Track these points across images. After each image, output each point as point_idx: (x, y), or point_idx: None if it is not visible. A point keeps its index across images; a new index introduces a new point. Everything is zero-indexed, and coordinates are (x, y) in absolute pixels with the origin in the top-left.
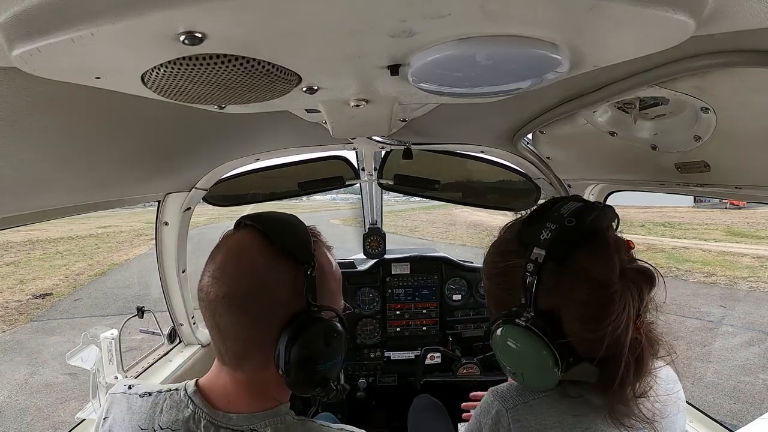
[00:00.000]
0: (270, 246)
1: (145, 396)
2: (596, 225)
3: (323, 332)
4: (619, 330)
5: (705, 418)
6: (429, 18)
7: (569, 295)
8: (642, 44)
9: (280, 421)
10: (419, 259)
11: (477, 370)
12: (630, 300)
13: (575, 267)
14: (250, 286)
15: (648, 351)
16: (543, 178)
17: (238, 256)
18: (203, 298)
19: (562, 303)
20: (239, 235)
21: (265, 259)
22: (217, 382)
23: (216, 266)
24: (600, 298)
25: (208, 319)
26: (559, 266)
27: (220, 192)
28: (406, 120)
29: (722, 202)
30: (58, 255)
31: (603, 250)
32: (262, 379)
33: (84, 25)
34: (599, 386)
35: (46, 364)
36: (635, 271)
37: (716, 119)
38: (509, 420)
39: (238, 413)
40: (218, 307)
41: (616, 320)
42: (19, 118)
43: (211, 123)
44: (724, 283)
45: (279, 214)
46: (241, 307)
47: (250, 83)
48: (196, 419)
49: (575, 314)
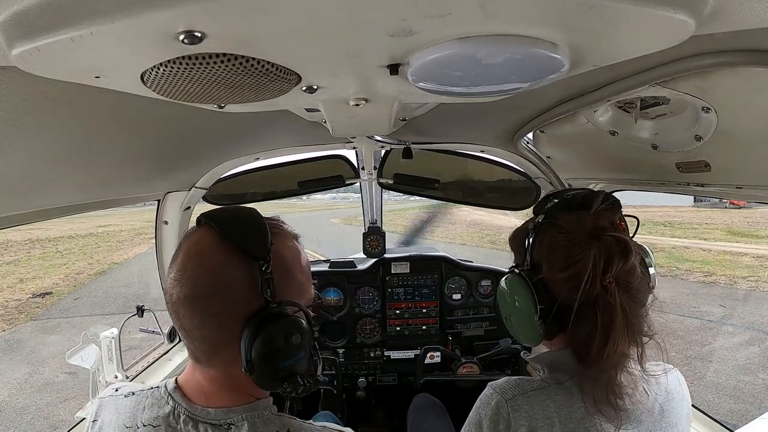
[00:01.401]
0: (226, 244)
1: (130, 396)
2: (586, 199)
3: (282, 329)
4: (581, 275)
5: (705, 417)
6: (429, 17)
7: (548, 242)
8: (642, 44)
9: (257, 416)
10: (419, 258)
11: (477, 370)
12: (596, 254)
13: (558, 222)
14: (210, 286)
15: (620, 321)
16: (543, 178)
17: (196, 256)
18: (168, 300)
19: (543, 251)
20: (197, 235)
21: (222, 258)
22: (192, 380)
23: (177, 268)
24: (567, 243)
25: (174, 321)
26: (549, 224)
27: (220, 191)
28: (405, 119)
29: (722, 201)
30: (58, 254)
31: (584, 213)
32: (234, 375)
33: (83, 24)
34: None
35: (46, 363)
36: (611, 237)
37: (717, 119)
38: (509, 410)
39: (216, 408)
40: (181, 309)
41: (578, 263)
42: (19, 118)
43: (210, 122)
44: (724, 283)
45: (236, 209)
46: (202, 307)
47: (249, 82)
48: (176, 414)
49: (550, 257)
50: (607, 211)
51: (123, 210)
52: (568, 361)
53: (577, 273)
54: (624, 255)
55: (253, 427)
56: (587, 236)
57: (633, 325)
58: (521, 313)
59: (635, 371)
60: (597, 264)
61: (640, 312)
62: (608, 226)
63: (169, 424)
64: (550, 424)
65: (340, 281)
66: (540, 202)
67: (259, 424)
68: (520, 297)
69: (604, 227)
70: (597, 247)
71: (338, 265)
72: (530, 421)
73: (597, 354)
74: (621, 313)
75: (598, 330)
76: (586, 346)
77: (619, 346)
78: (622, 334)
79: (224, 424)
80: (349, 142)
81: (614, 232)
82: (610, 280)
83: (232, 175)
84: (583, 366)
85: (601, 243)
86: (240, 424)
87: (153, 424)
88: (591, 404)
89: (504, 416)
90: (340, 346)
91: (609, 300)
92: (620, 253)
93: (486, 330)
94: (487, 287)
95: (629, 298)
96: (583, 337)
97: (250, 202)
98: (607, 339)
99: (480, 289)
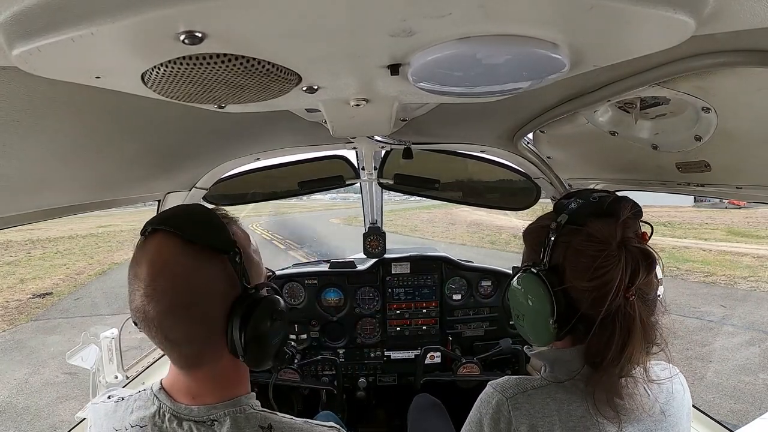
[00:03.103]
0: (191, 246)
1: (120, 401)
2: (615, 207)
3: (267, 310)
4: (607, 287)
5: (705, 417)
6: (429, 17)
7: (574, 247)
8: (642, 44)
9: (239, 411)
10: (419, 258)
11: (477, 370)
12: (624, 267)
13: (586, 229)
14: (188, 293)
15: (638, 333)
16: (543, 178)
17: (164, 266)
18: (142, 318)
19: (567, 256)
20: (156, 244)
21: (192, 262)
22: (178, 384)
23: (146, 283)
24: (597, 252)
25: (154, 335)
26: (574, 228)
27: (220, 191)
28: (406, 119)
29: (722, 201)
30: (59, 254)
31: (612, 222)
32: (220, 371)
33: (84, 24)
34: (587, 361)
35: (46, 363)
36: (637, 249)
37: (717, 119)
38: (509, 408)
39: (200, 405)
40: (164, 322)
41: (605, 275)
42: (20, 118)
43: (211, 122)
44: (724, 283)
45: (184, 209)
46: (187, 315)
47: (250, 83)
48: (162, 414)
49: (575, 263)
50: (632, 220)
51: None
52: (572, 360)
53: (603, 284)
54: (648, 268)
55: (236, 423)
56: (617, 248)
57: (648, 334)
58: (536, 314)
59: (638, 373)
60: (624, 277)
61: (652, 320)
62: (633, 236)
63: (154, 423)
64: (551, 422)
65: (340, 281)
66: (561, 200)
67: (241, 419)
68: (536, 298)
69: (630, 238)
70: (625, 260)
71: (338, 265)
72: (531, 419)
73: (611, 362)
74: (639, 325)
75: (615, 340)
76: (601, 354)
77: (635, 356)
78: (639, 344)
79: (207, 421)
80: (349, 142)
81: (639, 244)
82: (633, 292)
83: (232, 175)
84: (593, 371)
85: (628, 255)
86: (222, 420)
87: (140, 425)
88: (592, 405)
89: (505, 415)
90: (341, 347)
91: (629, 311)
92: (646, 266)
93: (486, 330)
94: (487, 287)
95: (646, 308)
96: (601, 345)
97: (251, 203)
98: (623, 348)
99: (480, 290)
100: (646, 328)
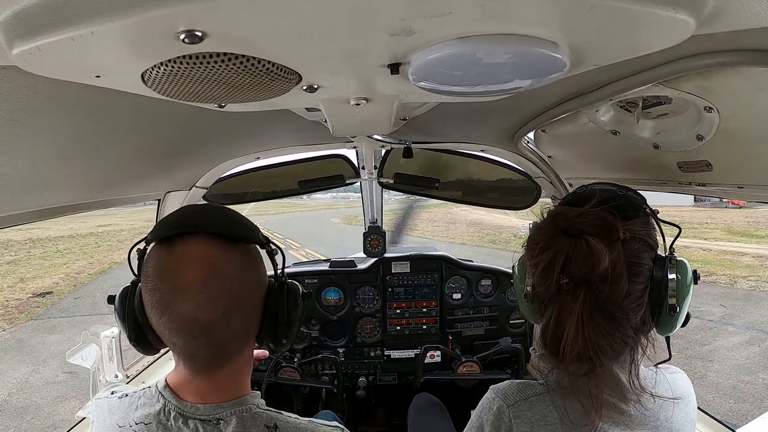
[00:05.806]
0: (234, 245)
1: (123, 397)
2: (583, 197)
3: (296, 294)
4: (539, 267)
5: (706, 417)
6: (429, 16)
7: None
8: (643, 43)
9: (245, 410)
10: (419, 257)
11: (477, 369)
12: (560, 249)
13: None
14: (241, 291)
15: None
16: (543, 177)
17: (216, 270)
18: (193, 326)
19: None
20: (195, 248)
21: (242, 260)
22: (188, 386)
23: (197, 290)
24: (540, 233)
25: (200, 342)
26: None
27: (220, 190)
28: (406, 119)
29: (722, 201)
30: (59, 253)
31: (568, 209)
32: (236, 369)
33: (84, 23)
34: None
35: (46, 362)
36: (583, 239)
37: (719, 119)
38: (510, 416)
39: (206, 404)
40: (217, 324)
41: (538, 255)
42: (20, 117)
43: (211, 121)
44: (724, 283)
45: (209, 209)
46: (240, 313)
47: (250, 82)
48: (167, 411)
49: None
50: (600, 212)
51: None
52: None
53: (536, 264)
54: (586, 259)
55: (242, 422)
56: (560, 232)
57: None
58: (518, 294)
59: (638, 375)
60: (558, 258)
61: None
62: (592, 227)
63: (159, 421)
64: (553, 431)
65: (340, 281)
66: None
67: (247, 418)
68: (517, 276)
69: (579, 226)
70: (559, 244)
71: (338, 264)
72: (532, 427)
73: (553, 349)
74: (578, 318)
75: (551, 328)
76: (543, 337)
77: (573, 350)
78: (574, 340)
79: (213, 419)
80: (349, 141)
81: (592, 236)
82: (566, 279)
83: (232, 174)
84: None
85: (568, 242)
86: (229, 419)
87: (144, 422)
88: (589, 406)
89: (506, 422)
90: (341, 346)
91: (567, 300)
92: (583, 256)
93: (486, 329)
94: (487, 286)
95: (597, 305)
96: (543, 327)
97: (251, 202)
98: (559, 339)
99: (480, 289)
100: (585, 325)
